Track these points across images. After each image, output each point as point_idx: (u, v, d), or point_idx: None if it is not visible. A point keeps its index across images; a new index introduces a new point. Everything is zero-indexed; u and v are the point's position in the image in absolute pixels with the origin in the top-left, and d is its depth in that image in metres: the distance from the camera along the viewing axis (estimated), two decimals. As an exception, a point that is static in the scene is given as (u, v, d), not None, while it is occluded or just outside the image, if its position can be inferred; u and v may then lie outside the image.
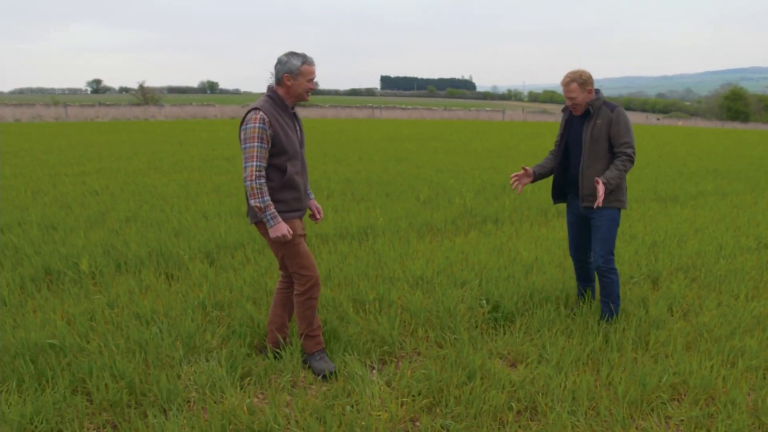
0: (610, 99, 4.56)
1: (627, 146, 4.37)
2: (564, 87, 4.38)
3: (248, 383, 3.74)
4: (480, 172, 13.08)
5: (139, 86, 58.98)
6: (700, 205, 9.86)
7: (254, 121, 3.52)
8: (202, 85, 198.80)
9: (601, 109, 4.41)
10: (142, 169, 12.72)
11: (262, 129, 3.51)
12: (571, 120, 4.61)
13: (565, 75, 4.39)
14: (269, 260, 5.96)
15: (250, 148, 3.51)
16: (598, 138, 4.39)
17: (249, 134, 3.52)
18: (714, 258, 6.48)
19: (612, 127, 4.37)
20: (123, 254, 5.96)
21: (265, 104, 3.61)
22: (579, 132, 4.52)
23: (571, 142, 4.60)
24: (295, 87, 3.65)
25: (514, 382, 3.74)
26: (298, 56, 3.61)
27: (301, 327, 3.96)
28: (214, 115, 45.35)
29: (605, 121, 4.38)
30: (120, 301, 4.79)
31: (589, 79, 4.34)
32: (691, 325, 4.65)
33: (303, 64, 3.61)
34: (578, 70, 4.35)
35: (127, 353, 3.88)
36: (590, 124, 4.42)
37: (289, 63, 3.60)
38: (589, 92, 4.38)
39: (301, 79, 3.63)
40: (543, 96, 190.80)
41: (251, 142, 3.51)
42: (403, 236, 7.16)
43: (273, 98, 3.68)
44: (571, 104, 4.42)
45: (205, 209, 8.28)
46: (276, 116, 3.61)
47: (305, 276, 3.82)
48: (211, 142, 20.37)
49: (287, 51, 3.67)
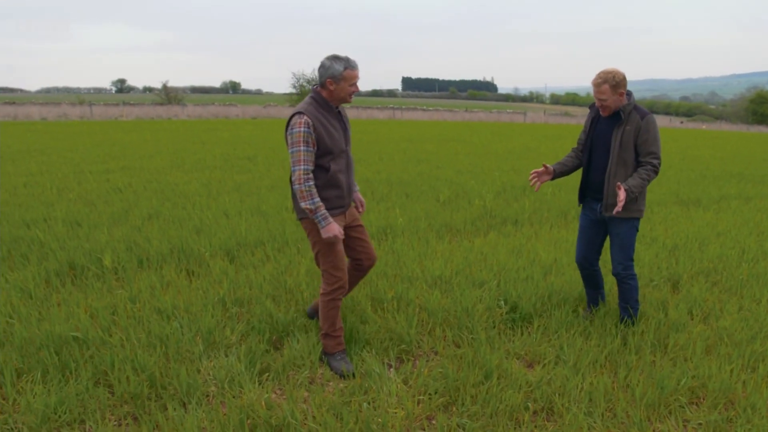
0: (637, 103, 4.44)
1: (653, 156, 4.25)
2: (595, 87, 4.20)
3: (266, 379, 3.79)
4: (500, 174, 13.04)
5: (163, 86, 59.62)
6: (723, 209, 9.75)
7: (299, 125, 3.61)
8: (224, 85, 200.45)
9: (631, 115, 4.26)
10: (165, 168, 12.87)
11: (307, 133, 3.61)
12: (597, 119, 4.47)
13: (597, 74, 4.21)
14: (288, 258, 6.01)
15: (297, 152, 3.62)
16: (627, 145, 4.25)
17: (295, 138, 3.62)
18: (736, 262, 6.41)
19: (641, 135, 4.23)
20: (145, 250, 6.05)
21: (309, 107, 3.69)
22: (605, 134, 4.38)
23: (595, 143, 4.46)
24: (338, 91, 3.72)
25: (531, 383, 3.74)
26: (340, 60, 3.67)
27: (323, 326, 4.01)
28: (236, 115, 45.70)
29: (634, 127, 4.23)
30: (141, 296, 4.87)
31: (623, 81, 4.17)
32: (711, 329, 4.61)
33: (345, 69, 3.67)
34: (611, 71, 4.18)
35: (148, 347, 3.95)
36: (620, 130, 4.27)
37: (332, 68, 3.66)
38: (621, 95, 4.21)
39: (343, 83, 3.70)
40: (565, 98, 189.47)
41: (297, 146, 3.62)
42: (422, 236, 7.18)
43: (317, 99, 3.76)
44: (600, 105, 4.26)
45: (226, 207, 8.36)
46: (319, 117, 3.69)
47: (335, 276, 3.90)
48: (232, 141, 20.53)
49: (330, 54, 3.71)
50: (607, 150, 4.37)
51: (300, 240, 6.68)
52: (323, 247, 3.86)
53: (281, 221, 7.54)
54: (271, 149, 17.75)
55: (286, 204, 8.73)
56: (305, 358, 3.98)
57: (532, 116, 62.61)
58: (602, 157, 4.42)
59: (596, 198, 4.54)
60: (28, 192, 9.52)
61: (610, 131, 4.36)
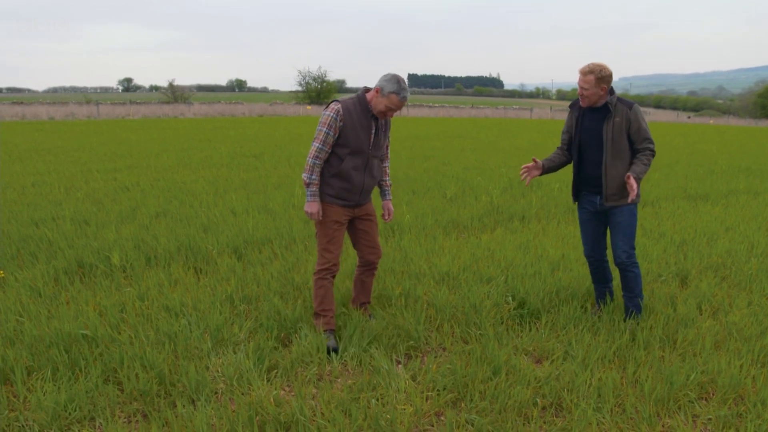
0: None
1: (648, 141, 4.42)
2: (581, 75, 4.31)
3: (275, 375, 3.79)
4: (507, 170, 13.01)
5: (169, 84, 59.77)
6: (731, 204, 9.70)
7: (330, 110, 3.94)
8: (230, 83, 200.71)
9: (617, 107, 4.39)
10: (172, 166, 12.91)
11: (333, 119, 3.91)
12: (582, 117, 4.56)
13: (587, 64, 4.33)
14: (296, 255, 6.02)
15: (319, 132, 3.96)
16: (619, 136, 4.38)
17: (323, 120, 3.95)
18: (745, 257, 6.38)
19: (632, 125, 4.37)
20: (153, 248, 6.08)
21: (348, 100, 3.99)
22: (594, 129, 4.47)
23: (585, 139, 4.55)
24: (377, 103, 3.97)
25: (539, 378, 3.73)
26: (395, 84, 3.92)
27: (314, 304, 4.29)
28: (242, 113, 45.77)
29: (623, 119, 4.37)
30: (150, 293, 4.89)
31: (608, 77, 4.29)
32: (720, 324, 4.59)
33: (391, 93, 3.91)
34: (601, 65, 4.30)
35: (157, 344, 3.96)
36: (610, 123, 4.39)
37: (386, 83, 3.92)
38: (603, 90, 4.32)
39: (383, 100, 3.94)
40: (571, 94, 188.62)
41: (322, 127, 3.94)
42: (429, 233, 7.18)
43: (360, 97, 4.02)
44: (580, 94, 4.39)
45: (233, 205, 8.38)
46: (352, 112, 3.95)
47: (325, 258, 4.18)
48: (239, 139, 20.57)
49: (398, 74, 3.95)
50: (599, 144, 4.47)
51: (307, 237, 6.69)
52: (321, 230, 4.17)
53: (288, 219, 7.55)
54: (277, 147, 17.78)
55: (293, 201, 8.74)
56: (313, 355, 3.98)
57: (539, 112, 62.46)
58: (595, 151, 4.52)
59: (593, 192, 4.60)
60: (37, 191, 9.57)
61: (599, 126, 4.46)
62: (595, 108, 4.45)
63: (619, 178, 4.41)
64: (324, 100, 58.68)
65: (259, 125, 30.48)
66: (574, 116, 4.62)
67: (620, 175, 4.41)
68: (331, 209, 4.13)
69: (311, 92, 59.13)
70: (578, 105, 4.56)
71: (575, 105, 4.61)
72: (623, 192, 4.45)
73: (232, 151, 16.33)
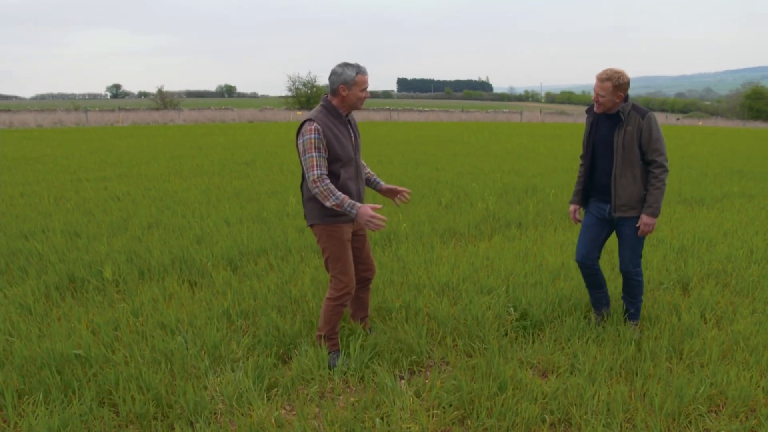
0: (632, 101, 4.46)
1: (658, 154, 4.30)
2: (598, 81, 4.24)
3: (275, 394, 3.69)
4: (501, 175, 12.96)
5: (158, 91, 59.41)
6: (726, 208, 9.68)
7: (309, 132, 3.69)
8: (219, 89, 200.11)
9: (630, 115, 4.30)
10: (163, 174, 12.77)
11: (317, 139, 3.69)
12: (597, 122, 4.49)
13: (604, 70, 4.25)
14: (292, 267, 5.91)
15: (310, 158, 3.69)
16: (630, 146, 4.29)
17: (306, 145, 3.70)
18: (745, 263, 6.33)
19: (643, 135, 4.28)
20: (146, 261, 5.95)
21: (318, 114, 3.78)
22: (606, 136, 4.40)
23: (597, 145, 4.48)
24: (350, 97, 3.80)
25: (546, 393, 3.65)
26: (352, 67, 3.77)
27: (323, 329, 4.07)
28: (232, 119, 45.56)
29: (635, 127, 4.27)
30: (144, 309, 4.77)
31: (626, 85, 4.22)
32: (725, 334, 4.52)
33: (357, 74, 3.77)
34: (619, 71, 4.22)
35: (153, 364, 3.85)
36: (621, 131, 4.30)
37: (344, 74, 3.76)
38: (619, 97, 4.26)
39: (355, 89, 3.78)
40: (560, 97, 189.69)
41: (309, 153, 3.69)
42: (426, 241, 7.09)
43: (327, 108, 3.84)
44: (596, 99, 4.30)
45: (227, 215, 8.26)
46: (329, 125, 3.77)
47: (342, 282, 3.96)
48: (229, 146, 20.43)
49: (340, 62, 3.80)
50: (611, 152, 4.40)
51: (303, 248, 6.59)
52: (333, 253, 3.93)
53: (283, 228, 7.44)
54: (268, 153, 17.66)
55: (287, 210, 8.63)
56: (314, 372, 3.88)
57: (529, 115, 62.59)
58: (606, 159, 4.45)
59: (603, 200, 4.53)
60: (25, 202, 9.41)
61: (611, 133, 4.39)
62: (609, 115, 4.39)
63: (629, 189, 4.35)
64: (314, 105, 58.54)
65: (249, 131, 30.33)
66: (589, 121, 4.57)
67: (630, 186, 4.34)
68: (339, 230, 3.91)
69: (301, 97, 58.98)
70: (593, 110, 4.49)
71: (591, 110, 4.54)
72: (633, 203, 4.38)
73: (223, 158, 16.19)
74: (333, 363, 4.01)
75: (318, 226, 3.91)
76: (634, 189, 4.35)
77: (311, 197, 3.87)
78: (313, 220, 3.90)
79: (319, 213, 3.87)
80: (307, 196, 3.90)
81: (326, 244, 3.91)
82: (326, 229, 3.88)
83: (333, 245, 3.90)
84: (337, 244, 3.90)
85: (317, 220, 3.88)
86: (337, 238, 3.90)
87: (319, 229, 3.91)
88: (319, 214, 3.87)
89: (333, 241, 3.90)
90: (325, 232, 3.89)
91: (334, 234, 3.90)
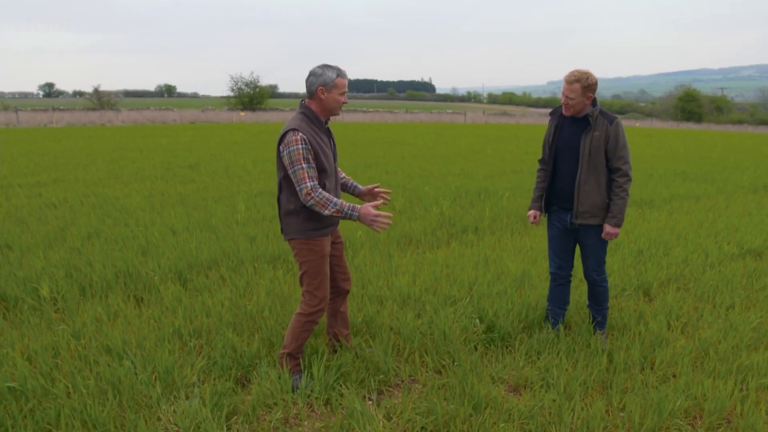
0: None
1: (623, 162, 4.20)
2: (566, 84, 4.10)
3: (235, 423, 3.42)
4: (453, 178, 12.88)
5: (94, 90, 57.27)
6: (675, 210, 9.82)
7: (296, 143, 3.45)
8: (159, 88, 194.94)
9: (598, 120, 4.18)
10: (102, 179, 12.16)
11: (305, 149, 3.47)
12: (562, 126, 4.36)
13: (571, 72, 4.11)
14: (246, 279, 5.61)
15: (300, 170, 3.46)
16: (596, 152, 4.17)
17: (294, 157, 3.46)
18: (701, 267, 6.37)
19: (610, 141, 4.16)
20: (87, 276, 5.53)
21: (301, 123, 3.53)
22: (571, 141, 4.27)
23: (561, 151, 4.35)
24: (329, 100, 3.58)
25: (522, 412, 3.49)
26: (332, 69, 3.56)
27: (289, 346, 3.83)
28: (173, 119, 44.35)
29: (603, 132, 4.16)
30: (86, 331, 4.38)
31: (594, 85, 4.09)
32: (694, 342, 4.47)
33: (337, 77, 3.56)
34: (587, 72, 4.08)
35: (99, 395, 3.50)
36: (588, 136, 4.18)
37: (324, 75, 3.54)
38: (588, 98, 4.13)
39: (335, 92, 3.57)
40: (502, 98, 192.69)
41: (299, 164, 3.46)
42: (383, 249, 6.88)
43: (308, 115, 3.60)
44: (565, 103, 4.16)
45: (173, 223, 7.85)
46: (313, 134, 3.54)
47: (318, 298, 3.75)
48: (172, 148, 19.75)
49: (320, 64, 3.60)
50: (575, 157, 4.27)
51: (256, 258, 6.28)
52: (311, 268, 3.70)
53: (233, 237, 7.10)
54: (213, 156, 17.14)
55: (236, 218, 8.29)
56: (276, 396, 3.61)
57: (472, 116, 63.25)
58: (570, 164, 4.31)
59: (564, 207, 4.40)
60: (-49, 211, 8.75)
61: (577, 138, 4.25)
62: (575, 118, 4.25)
63: (592, 196, 4.24)
64: (258, 106, 57.57)
65: (192, 132, 29.51)
66: (554, 125, 4.40)
67: (593, 193, 4.23)
68: (320, 244, 3.68)
69: (244, 98, 58.00)
70: (559, 113, 4.35)
71: (556, 112, 4.40)
72: (595, 211, 4.27)
73: (165, 161, 15.59)
74: (296, 385, 3.76)
75: (297, 241, 3.68)
76: (597, 197, 4.24)
77: (291, 211, 3.62)
78: (293, 234, 3.66)
79: (301, 227, 3.63)
80: (286, 210, 3.65)
81: (305, 258, 3.68)
82: (307, 244, 3.66)
83: (313, 260, 3.68)
84: (317, 259, 3.69)
85: (298, 234, 3.64)
86: (318, 252, 3.68)
87: (299, 244, 3.67)
88: (301, 228, 3.63)
89: (313, 256, 3.67)
90: (306, 246, 3.66)
91: (315, 248, 3.67)
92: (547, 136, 4.50)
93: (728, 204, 10.58)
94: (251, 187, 11.15)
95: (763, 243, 7.51)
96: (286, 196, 3.64)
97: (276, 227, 7.51)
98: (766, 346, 4.46)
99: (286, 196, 3.64)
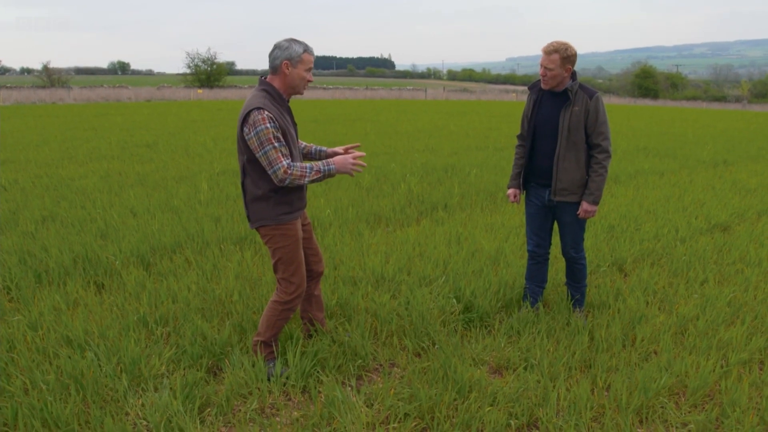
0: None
1: (603, 138, 4.10)
2: (545, 55, 3.97)
3: (208, 415, 3.24)
4: (418, 155, 12.74)
5: (44, 67, 55.29)
6: (641, 185, 9.88)
7: (263, 122, 3.21)
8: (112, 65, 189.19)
9: (578, 95, 4.06)
10: (55, 159, 11.65)
11: (274, 128, 3.23)
12: (540, 101, 4.23)
13: (549, 43, 3.98)
14: (212, 262, 5.38)
15: (272, 149, 3.22)
16: (576, 127, 4.06)
17: (264, 137, 3.20)
18: (672, 242, 6.38)
19: (590, 117, 4.06)
20: (43, 262, 5.22)
21: (265, 101, 3.29)
22: (550, 117, 4.15)
23: (540, 126, 4.22)
24: (293, 76, 3.36)
25: (507, 395, 3.39)
26: (299, 43, 3.35)
27: (264, 333, 3.65)
28: (128, 97, 43.11)
29: (582, 108, 4.04)
30: (44, 320, 4.11)
31: (574, 56, 3.96)
32: (672, 318, 4.44)
33: (304, 52, 3.35)
34: (565, 43, 3.96)
35: (60, 390, 3.26)
36: (568, 111, 4.06)
37: (290, 49, 3.32)
38: (567, 70, 4.01)
39: (300, 67, 3.35)
40: (462, 74, 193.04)
41: (270, 143, 3.22)
42: (353, 228, 6.71)
43: (270, 92, 3.36)
44: (544, 74, 4.02)
45: (132, 204, 7.53)
46: (278, 113, 3.31)
47: (294, 284, 3.56)
48: (127, 126, 19.13)
49: (287, 37, 3.38)
50: (554, 133, 4.16)
51: (222, 240, 6.05)
52: (285, 254, 3.49)
53: (197, 218, 6.84)
54: (171, 134, 16.65)
55: (198, 198, 8.00)
56: (251, 385, 3.44)
57: (433, 93, 63.17)
58: (548, 141, 4.20)
59: (542, 184, 4.30)
60: None
61: (556, 113, 4.13)
62: (555, 93, 4.12)
63: (571, 173, 4.14)
64: (215, 83, 56.44)
65: (148, 111, 28.69)
66: (532, 99, 4.27)
67: (572, 169, 4.13)
68: (293, 227, 3.48)
69: (201, 75, 56.78)
70: (537, 87, 4.21)
71: (535, 87, 4.26)
72: (573, 188, 4.17)
73: (121, 140, 15.06)
74: (271, 373, 3.58)
75: (268, 228, 3.45)
76: (576, 173, 4.14)
77: (259, 197, 3.39)
78: (263, 221, 3.43)
79: (272, 212, 3.40)
80: (253, 196, 3.41)
81: (279, 244, 3.47)
82: (279, 229, 3.44)
83: (286, 245, 3.47)
84: (291, 244, 3.48)
85: (269, 221, 3.41)
86: (291, 236, 3.47)
87: (271, 230, 3.45)
88: (272, 213, 3.40)
89: (287, 241, 3.46)
90: (278, 232, 3.44)
91: (288, 233, 3.46)
92: (525, 111, 4.37)
93: (692, 179, 10.70)
94: (213, 166, 10.83)
95: (729, 217, 7.59)
96: (253, 181, 3.38)
97: (242, 207, 7.26)
98: (742, 320, 4.45)
99: (252, 180, 3.39)
